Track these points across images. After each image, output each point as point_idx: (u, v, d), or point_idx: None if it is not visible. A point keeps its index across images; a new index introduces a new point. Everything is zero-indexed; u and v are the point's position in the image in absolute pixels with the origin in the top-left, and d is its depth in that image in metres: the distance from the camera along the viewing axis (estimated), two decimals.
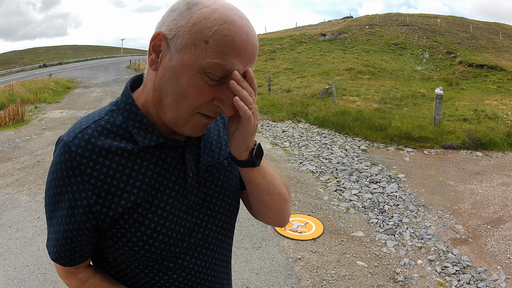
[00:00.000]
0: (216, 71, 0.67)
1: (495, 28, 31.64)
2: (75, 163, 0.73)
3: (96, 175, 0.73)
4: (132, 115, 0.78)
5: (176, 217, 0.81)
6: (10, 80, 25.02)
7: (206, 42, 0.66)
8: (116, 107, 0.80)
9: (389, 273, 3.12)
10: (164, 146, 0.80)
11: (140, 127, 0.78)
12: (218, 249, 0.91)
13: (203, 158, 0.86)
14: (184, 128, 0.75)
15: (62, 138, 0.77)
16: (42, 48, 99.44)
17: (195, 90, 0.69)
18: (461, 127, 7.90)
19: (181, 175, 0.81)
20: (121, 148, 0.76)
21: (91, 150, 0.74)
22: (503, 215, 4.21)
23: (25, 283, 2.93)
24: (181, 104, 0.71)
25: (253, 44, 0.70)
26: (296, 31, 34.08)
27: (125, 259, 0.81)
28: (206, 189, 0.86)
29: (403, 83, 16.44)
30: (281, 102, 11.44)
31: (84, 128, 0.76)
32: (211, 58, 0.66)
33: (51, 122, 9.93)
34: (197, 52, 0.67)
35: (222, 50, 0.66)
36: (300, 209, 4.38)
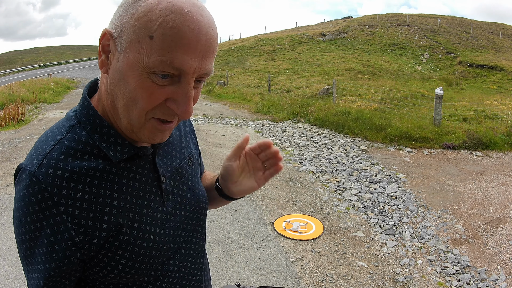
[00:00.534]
0: (164, 69, 0.60)
1: (495, 28, 31.64)
2: (47, 194, 0.64)
3: (72, 204, 0.66)
4: (97, 128, 0.71)
5: (158, 227, 0.77)
6: (10, 80, 25.03)
7: (150, 37, 0.59)
8: (77, 121, 0.72)
9: (389, 273, 3.12)
10: (134, 158, 0.74)
11: (108, 140, 0.70)
12: (197, 246, 0.91)
13: (172, 161, 0.83)
14: (141, 135, 0.68)
15: (25, 167, 0.67)
16: (42, 48, 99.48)
17: (143, 92, 0.62)
18: (461, 127, 7.91)
19: (155, 183, 0.77)
20: (92, 168, 0.69)
21: (61, 176, 0.65)
22: (503, 215, 4.21)
23: (25, 283, 2.93)
24: (131, 109, 0.64)
25: (207, 34, 0.61)
26: (296, 31, 34.09)
27: (115, 281, 0.76)
28: (180, 191, 0.84)
29: (403, 83, 16.45)
30: (281, 102, 11.45)
31: (47, 153, 0.67)
32: (156, 55, 0.59)
33: (51, 122, 9.93)
34: (141, 49, 0.60)
35: (169, 45, 0.58)
36: (300, 209, 4.38)
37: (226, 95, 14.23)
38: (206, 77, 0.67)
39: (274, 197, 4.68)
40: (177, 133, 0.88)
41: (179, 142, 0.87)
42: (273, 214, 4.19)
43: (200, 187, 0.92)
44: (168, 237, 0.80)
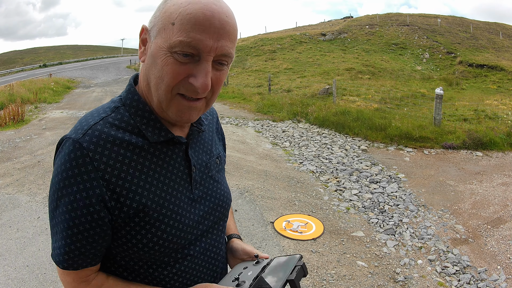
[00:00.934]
0: (183, 48, 0.70)
1: (495, 28, 31.63)
2: (88, 159, 0.72)
3: (110, 171, 0.74)
4: (140, 112, 0.80)
5: (184, 211, 0.84)
6: (10, 80, 25.03)
7: (172, 24, 0.71)
8: (121, 104, 0.82)
9: (389, 273, 3.12)
10: (169, 143, 0.83)
11: (148, 123, 0.80)
12: (217, 237, 0.97)
13: (202, 155, 0.92)
14: (170, 112, 0.77)
15: (69, 136, 0.75)
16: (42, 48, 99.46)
17: (168, 69, 0.72)
18: (461, 127, 7.90)
19: (186, 171, 0.86)
20: (132, 143, 0.77)
21: (103, 146, 0.74)
22: (503, 215, 4.21)
23: (25, 283, 2.93)
24: (160, 86, 0.74)
25: (220, 18, 0.71)
26: (296, 31, 34.07)
27: (136, 256, 0.81)
28: (207, 184, 0.92)
29: (403, 83, 16.45)
30: (281, 102, 11.44)
31: (92, 125, 0.76)
32: (176, 37, 0.70)
33: (51, 122, 9.93)
34: (166, 34, 0.71)
35: (186, 28, 0.69)
36: (300, 209, 4.37)
37: (226, 95, 14.22)
38: (226, 59, 0.75)
39: (274, 197, 4.68)
40: (210, 134, 0.98)
41: (210, 142, 0.97)
42: (273, 214, 4.19)
43: (225, 184, 1.01)
44: (192, 222, 0.86)
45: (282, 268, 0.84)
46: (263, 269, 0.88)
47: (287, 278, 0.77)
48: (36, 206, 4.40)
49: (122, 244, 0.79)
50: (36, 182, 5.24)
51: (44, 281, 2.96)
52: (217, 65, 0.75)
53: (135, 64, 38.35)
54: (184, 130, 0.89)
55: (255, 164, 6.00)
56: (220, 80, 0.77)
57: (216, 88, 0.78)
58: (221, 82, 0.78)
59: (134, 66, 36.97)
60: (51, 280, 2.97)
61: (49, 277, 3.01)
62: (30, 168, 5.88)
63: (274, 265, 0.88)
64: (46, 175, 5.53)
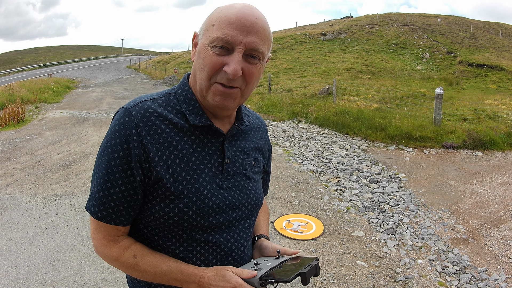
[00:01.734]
0: (218, 43, 0.84)
1: (495, 27, 31.62)
2: (133, 124, 0.86)
3: (149, 138, 0.86)
4: (187, 100, 0.94)
5: (210, 193, 0.92)
6: (10, 80, 25.03)
7: (213, 25, 0.86)
8: (173, 92, 0.96)
9: (389, 273, 3.12)
10: (208, 132, 0.94)
11: (193, 109, 0.93)
12: (241, 233, 1.02)
13: (239, 152, 1.00)
14: (208, 97, 0.89)
15: (123, 106, 0.90)
16: (42, 48, 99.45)
17: (208, 60, 0.86)
18: (461, 126, 7.90)
19: (219, 160, 0.95)
20: (173, 123, 0.90)
21: (148, 117, 0.88)
22: (503, 215, 4.21)
23: (25, 283, 2.93)
24: (201, 75, 0.88)
25: (250, 19, 0.84)
26: (296, 31, 34.07)
27: (158, 227, 0.91)
28: (239, 179, 0.99)
29: (403, 82, 16.44)
30: (281, 102, 11.44)
31: (144, 100, 0.91)
32: (214, 34, 0.85)
33: (51, 122, 9.93)
34: (208, 33, 0.87)
35: (222, 26, 0.84)
36: (301, 208, 4.37)
37: None
38: (257, 54, 0.87)
39: (274, 197, 4.68)
40: (253, 140, 1.08)
41: (253, 147, 1.06)
42: (273, 214, 4.19)
43: (258, 187, 1.07)
44: (215, 206, 0.93)
45: (298, 264, 0.90)
46: (281, 263, 0.94)
47: (300, 271, 0.83)
48: (36, 206, 4.40)
49: (146, 210, 0.89)
50: (36, 182, 5.24)
51: (44, 281, 2.96)
52: (249, 58, 0.87)
53: (135, 64, 38.34)
54: (226, 126, 0.99)
55: None
56: (251, 73, 0.88)
57: (249, 79, 0.89)
58: (254, 75, 0.89)
59: (134, 66, 36.97)
60: (51, 280, 2.97)
61: (49, 277, 3.01)
62: (30, 168, 5.88)
63: (291, 261, 0.94)
64: (46, 175, 5.53)
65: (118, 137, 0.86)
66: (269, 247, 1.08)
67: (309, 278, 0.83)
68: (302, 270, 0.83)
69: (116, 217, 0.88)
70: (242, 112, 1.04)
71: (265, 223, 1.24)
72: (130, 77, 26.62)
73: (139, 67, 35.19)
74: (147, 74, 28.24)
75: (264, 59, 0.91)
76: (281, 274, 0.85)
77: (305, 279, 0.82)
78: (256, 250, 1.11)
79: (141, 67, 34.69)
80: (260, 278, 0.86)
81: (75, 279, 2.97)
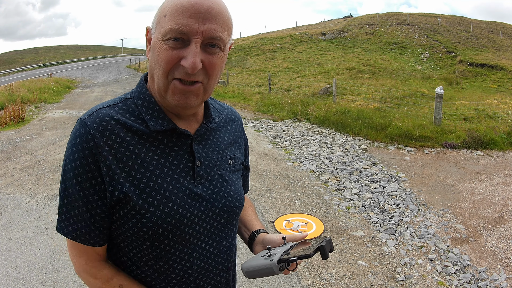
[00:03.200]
0: (172, 34, 0.76)
1: (495, 27, 31.60)
2: (90, 137, 0.78)
3: (108, 149, 0.79)
4: (146, 103, 0.86)
5: (184, 201, 0.84)
6: (10, 80, 25.02)
7: (164, 16, 0.78)
8: (130, 96, 0.88)
9: (389, 273, 3.12)
10: (173, 135, 0.85)
11: (152, 113, 0.85)
12: (223, 241, 0.95)
13: (212, 152, 0.92)
14: (168, 97, 0.82)
15: (79, 118, 0.84)
16: (42, 48, 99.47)
17: (162, 56, 0.78)
18: (461, 126, 7.90)
19: (189, 164, 0.87)
20: (133, 129, 0.82)
21: (105, 126, 0.80)
22: (503, 214, 4.21)
23: (25, 283, 2.93)
24: (158, 73, 0.80)
25: (205, 4, 0.76)
26: (296, 31, 34.05)
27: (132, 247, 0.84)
28: (215, 181, 0.91)
29: (404, 82, 16.44)
30: (281, 102, 11.43)
31: (99, 108, 0.83)
32: (167, 26, 0.77)
33: (51, 122, 9.93)
34: (160, 26, 0.79)
35: (173, 16, 0.76)
36: (301, 208, 4.37)
37: (226, 95, 14.22)
38: (216, 42, 0.79)
39: (275, 197, 4.68)
40: (227, 135, 1.00)
41: (226, 144, 0.98)
42: (273, 214, 4.19)
43: (238, 187, 0.99)
44: (190, 215, 0.85)
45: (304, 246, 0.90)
46: (291, 247, 0.92)
47: (318, 245, 0.83)
48: (36, 206, 4.41)
49: (117, 229, 0.83)
50: (36, 182, 5.24)
51: (44, 281, 2.96)
52: (208, 48, 0.79)
53: (135, 64, 38.34)
54: (193, 126, 0.90)
55: (255, 163, 5.99)
56: (213, 64, 0.80)
57: (211, 72, 0.81)
58: (215, 66, 0.81)
59: (134, 66, 36.96)
60: (51, 280, 2.97)
61: (49, 277, 3.01)
62: (30, 168, 5.88)
63: (301, 245, 0.92)
64: (46, 175, 5.53)
65: (75, 152, 0.79)
66: (274, 238, 1.00)
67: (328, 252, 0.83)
68: (320, 244, 0.83)
69: (90, 237, 0.82)
70: (210, 108, 0.95)
71: (256, 216, 1.17)
72: (130, 76, 26.62)
73: (139, 67, 35.18)
74: None
75: (226, 47, 0.82)
76: (300, 252, 0.84)
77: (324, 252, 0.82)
78: (259, 246, 1.03)
79: (141, 67, 34.68)
80: (279, 261, 0.83)
81: (75, 279, 2.97)
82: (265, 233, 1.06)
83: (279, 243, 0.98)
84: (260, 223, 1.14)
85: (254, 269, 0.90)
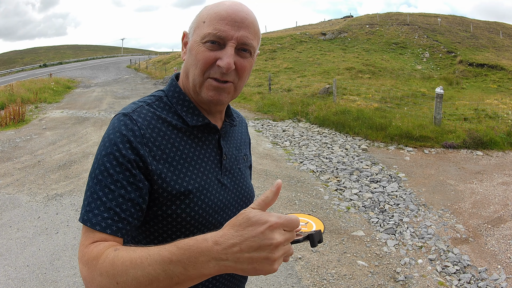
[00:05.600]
0: (210, 38, 0.85)
1: (496, 27, 31.60)
2: (136, 127, 0.84)
3: (153, 141, 0.85)
4: (180, 101, 0.94)
5: (215, 190, 0.94)
6: (10, 80, 25.03)
7: (203, 22, 0.88)
8: (164, 95, 0.96)
9: (389, 273, 3.12)
10: (205, 130, 0.95)
11: (188, 110, 0.93)
12: None
13: (233, 148, 1.04)
14: (202, 93, 0.90)
15: (120, 112, 0.87)
16: (42, 48, 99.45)
17: (200, 56, 0.87)
18: (461, 126, 7.89)
19: (217, 157, 0.97)
20: (173, 124, 0.90)
21: (149, 121, 0.87)
22: (503, 215, 4.21)
23: (25, 283, 2.93)
24: (194, 72, 0.89)
25: (240, 15, 0.86)
26: (297, 31, 34.05)
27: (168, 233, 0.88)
28: (236, 174, 1.02)
29: (404, 82, 16.43)
30: (281, 102, 11.43)
31: (139, 106, 0.89)
32: (205, 30, 0.86)
33: (51, 121, 9.93)
34: (199, 31, 0.88)
35: (212, 22, 0.86)
36: (301, 208, 4.37)
37: None
38: (248, 48, 0.88)
39: None
40: (239, 135, 1.11)
41: (240, 141, 1.10)
42: None
43: (250, 181, 1.11)
44: (220, 204, 0.94)
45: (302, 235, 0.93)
46: None
47: (309, 233, 0.87)
48: (36, 206, 4.41)
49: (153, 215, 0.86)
50: (36, 182, 5.24)
51: (44, 281, 2.96)
52: (240, 52, 0.88)
53: (135, 64, 38.32)
54: (218, 123, 1.00)
55: (255, 163, 5.99)
56: (244, 66, 0.89)
57: (241, 73, 0.90)
58: (246, 69, 0.90)
59: (134, 66, 36.95)
60: (51, 280, 2.97)
61: (49, 277, 3.01)
62: (30, 168, 5.88)
63: None
64: (46, 175, 5.53)
65: (121, 142, 0.80)
66: None
67: (316, 241, 0.86)
68: (310, 232, 0.88)
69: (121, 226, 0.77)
70: (231, 108, 1.07)
71: None
72: (130, 76, 26.61)
73: (139, 66, 35.18)
74: (147, 74, 28.22)
75: (255, 53, 0.93)
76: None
77: (313, 241, 0.86)
78: None
79: (141, 66, 34.69)
80: None
81: (75, 279, 2.97)
82: None
83: None
84: None
85: None
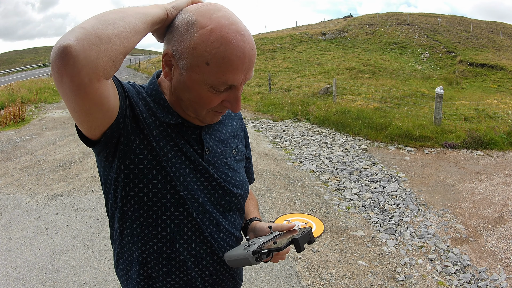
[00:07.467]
0: (221, 87, 0.83)
1: (496, 27, 31.60)
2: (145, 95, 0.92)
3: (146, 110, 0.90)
4: (157, 100, 0.93)
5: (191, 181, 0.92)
6: (10, 80, 25.02)
7: (207, 64, 0.79)
8: (143, 91, 0.95)
9: (389, 273, 3.12)
10: (183, 126, 0.93)
11: (163, 109, 0.92)
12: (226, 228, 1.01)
13: (217, 142, 1.01)
14: (203, 119, 0.92)
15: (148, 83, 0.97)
16: (42, 48, 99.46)
17: (206, 99, 0.85)
18: (461, 126, 7.89)
19: (198, 151, 0.95)
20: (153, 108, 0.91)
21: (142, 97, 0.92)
22: (503, 214, 4.21)
23: (25, 283, 2.93)
24: (197, 107, 0.88)
25: (249, 57, 0.82)
26: (297, 30, 34.05)
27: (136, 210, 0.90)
28: (221, 168, 0.99)
29: (404, 82, 16.43)
30: (281, 102, 11.43)
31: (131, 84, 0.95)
32: (214, 78, 0.80)
33: (51, 121, 9.93)
34: (201, 71, 0.80)
35: (222, 70, 0.79)
36: (301, 208, 4.37)
37: None
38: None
39: (275, 196, 4.68)
40: (230, 128, 1.08)
41: (230, 135, 1.07)
42: (273, 213, 4.19)
43: (243, 175, 1.08)
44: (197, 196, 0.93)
45: (290, 234, 0.92)
46: (274, 237, 0.95)
47: (292, 238, 0.84)
48: (36, 206, 4.40)
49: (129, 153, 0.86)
50: (37, 182, 5.24)
51: (44, 281, 2.96)
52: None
53: (135, 64, 38.32)
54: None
55: (255, 163, 5.99)
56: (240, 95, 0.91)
57: None
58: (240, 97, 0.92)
59: (134, 66, 36.95)
60: (51, 280, 2.97)
61: (49, 276, 3.01)
62: (31, 168, 5.88)
63: (287, 234, 0.95)
64: (46, 174, 5.53)
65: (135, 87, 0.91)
66: (263, 227, 1.08)
67: (303, 244, 0.83)
68: (294, 237, 0.84)
69: None
70: None
71: (255, 208, 1.24)
72: (130, 76, 26.59)
73: (139, 66, 35.17)
74: (147, 74, 28.20)
75: None
76: (272, 245, 0.87)
77: (298, 245, 0.83)
78: (251, 233, 1.12)
79: (141, 66, 34.67)
80: (254, 253, 0.86)
81: (75, 279, 2.97)
82: (258, 221, 1.14)
83: (267, 232, 1.04)
84: (257, 213, 1.21)
85: (233, 258, 0.94)
